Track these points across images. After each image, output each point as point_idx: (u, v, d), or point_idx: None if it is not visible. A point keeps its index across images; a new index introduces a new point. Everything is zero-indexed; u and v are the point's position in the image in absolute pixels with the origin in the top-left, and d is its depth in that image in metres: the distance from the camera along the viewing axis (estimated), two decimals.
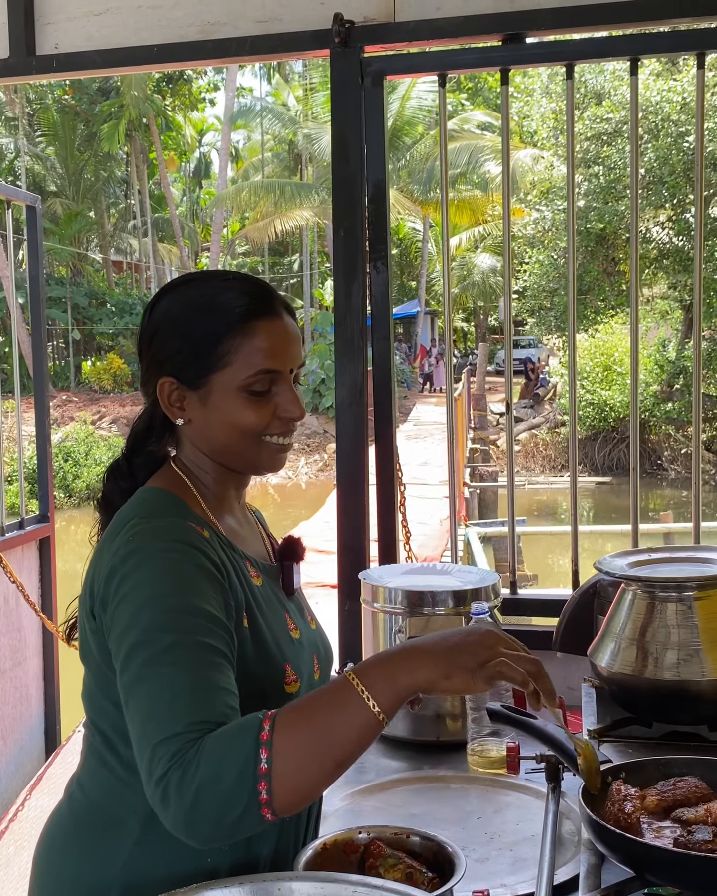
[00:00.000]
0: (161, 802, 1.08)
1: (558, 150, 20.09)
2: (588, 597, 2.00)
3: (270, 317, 1.33)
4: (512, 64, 2.44)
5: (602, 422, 20.41)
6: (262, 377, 1.31)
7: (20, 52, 2.57)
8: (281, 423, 1.34)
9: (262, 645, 1.29)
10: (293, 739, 1.06)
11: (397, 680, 1.09)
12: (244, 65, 30.22)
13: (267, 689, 1.28)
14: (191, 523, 1.28)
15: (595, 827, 1.17)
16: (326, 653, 1.47)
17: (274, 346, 1.32)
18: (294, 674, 1.31)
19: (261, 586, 1.35)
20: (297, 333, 1.38)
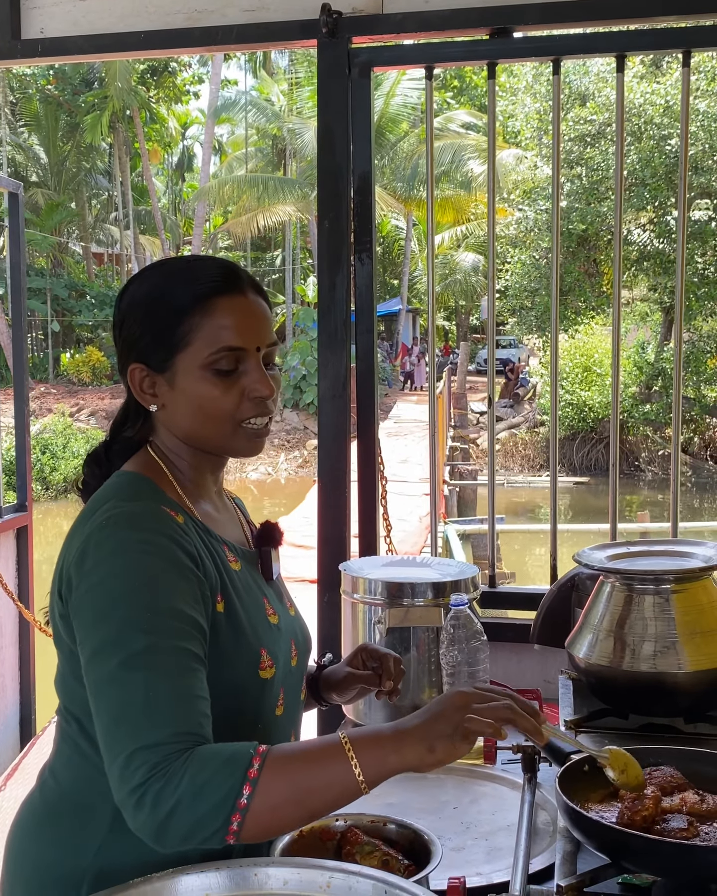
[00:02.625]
0: (134, 808, 1.09)
1: (542, 150, 20.15)
2: (566, 590, 2.01)
3: (231, 293, 1.31)
4: (499, 58, 2.44)
5: (581, 422, 20.51)
6: (225, 355, 1.29)
7: (5, 35, 2.55)
8: (252, 404, 1.31)
9: (237, 629, 1.28)
10: (277, 784, 1.09)
11: (386, 758, 1.12)
12: (230, 56, 30.17)
13: (242, 673, 1.28)
14: (165, 508, 1.28)
15: (572, 814, 1.17)
16: (305, 640, 1.47)
17: (236, 322, 1.30)
18: (270, 659, 1.30)
19: (239, 571, 1.35)
20: (264, 311, 1.35)
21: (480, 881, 1.38)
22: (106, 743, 1.14)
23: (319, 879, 1.17)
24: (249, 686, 1.28)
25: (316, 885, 1.17)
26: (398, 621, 2.01)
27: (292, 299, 33.96)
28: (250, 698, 1.29)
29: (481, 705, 1.12)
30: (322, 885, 1.16)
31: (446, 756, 1.12)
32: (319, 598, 2.50)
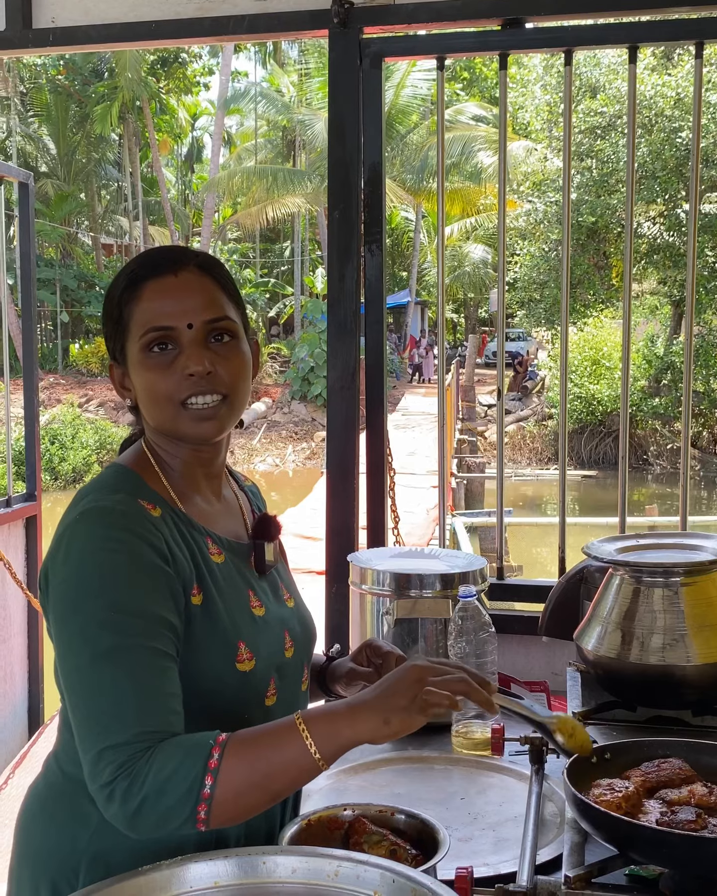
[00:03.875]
0: (104, 802, 1.15)
1: (552, 142, 20.08)
2: (575, 582, 2.01)
3: (156, 276, 1.32)
4: (511, 48, 2.43)
5: (589, 415, 20.48)
6: (153, 335, 1.31)
7: (16, 25, 2.55)
8: (189, 382, 1.31)
9: (213, 622, 1.29)
10: (237, 771, 1.14)
11: (340, 732, 1.16)
12: (240, 47, 30.09)
13: (218, 666, 1.29)
14: (142, 500, 1.29)
15: (580, 805, 1.18)
16: (305, 631, 1.47)
17: (162, 302, 1.31)
18: (249, 652, 1.31)
19: (222, 563, 1.35)
20: (195, 286, 1.33)
21: (487, 871, 1.38)
22: (78, 738, 1.19)
23: (327, 868, 1.17)
24: (226, 678, 1.29)
25: (324, 874, 1.17)
26: (406, 612, 2.01)
27: (301, 291, 33.94)
28: (230, 690, 1.30)
29: (436, 678, 1.16)
30: (330, 874, 1.17)
31: (402, 728, 1.15)
32: (328, 589, 2.50)
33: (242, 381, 1.36)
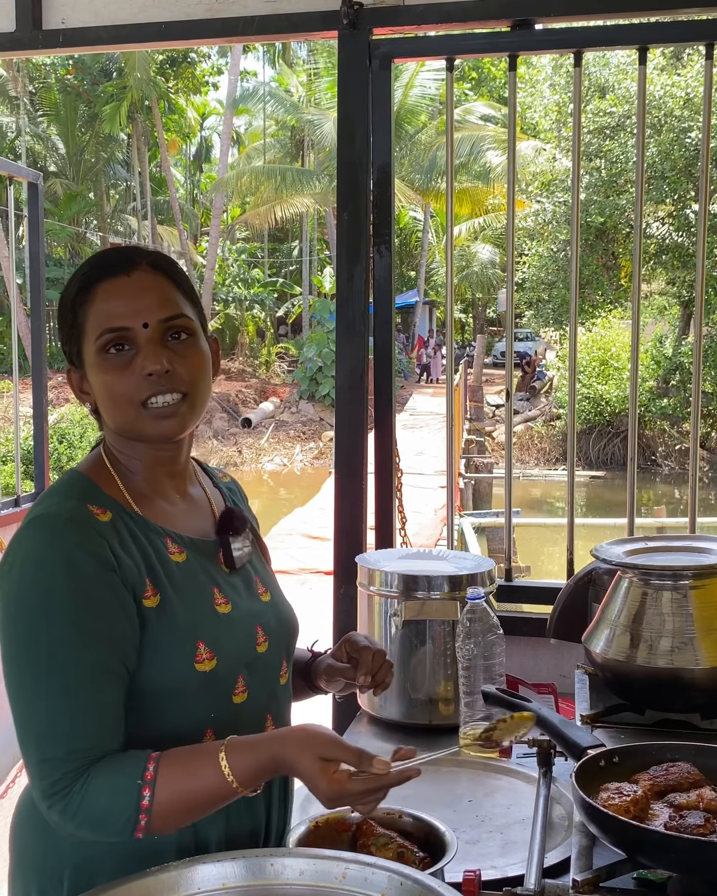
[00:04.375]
0: (46, 812, 1.22)
1: (561, 142, 20.04)
2: (583, 584, 2.01)
3: (109, 277, 1.32)
4: (520, 50, 2.42)
5: (597, 416, 20.44)
6: (108, 336, 1.30)
7: (26, 26, 2.55)
8: (147, 382, 1.30)
9: (170, 623, 1.29)
10: (170, 784, 1.20)
11: (258, 764, 1.21)
12: (249, 47, 30.11)
13: (177, 667, 1.29)
14: (91, 506, 1.30)
15: (588, 809, 1.17)
16: (281, 625, 1.46)
17: (115, 303, 1.31)
18: (209, 651, 1.30)
19: (183, 562, 1.35)
20: (148, 285, 1.32)
21: (494, 874, 1.38)
22: (20, 747, 1.24)
23: (334, 870, 1.18)
24: (186, 679, 1.29)
25: (331, 876, 1.17)
26: (414, 614, 2.01)
27: (309, 290, 33.94)
28: (192, 690, 1.30)
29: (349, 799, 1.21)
30: (338, 876, 1.17)
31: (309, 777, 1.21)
32: (335, 590, 2.50)
33: (201, 378, 1.36)
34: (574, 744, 1.38)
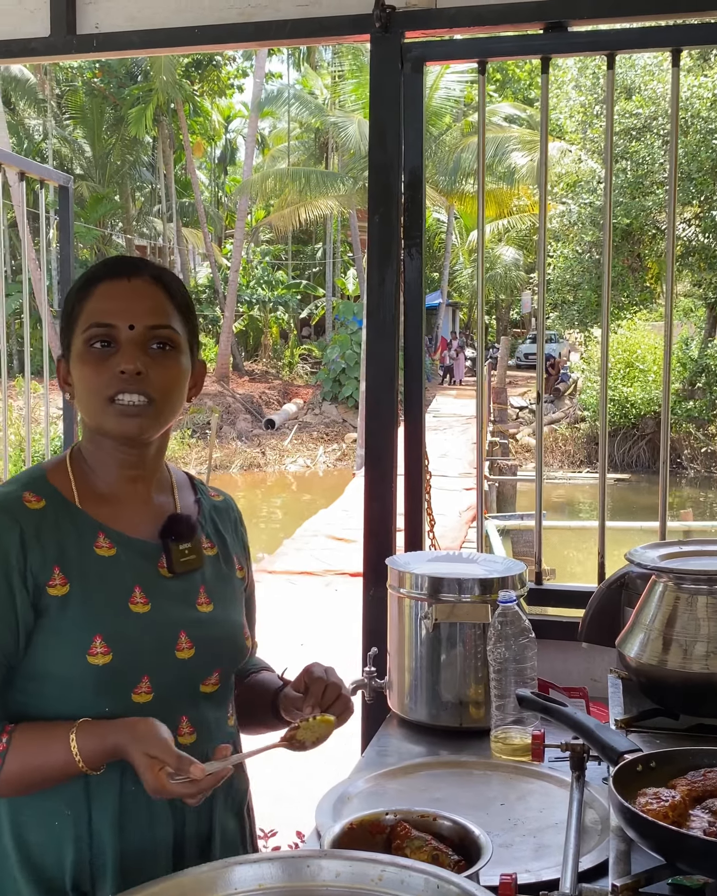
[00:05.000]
0: None
1: (586, 143, 19.96)
2: (616, 588, 2.00)
3: (110, 279, 1.40)
4: (553, 52, 2.42)
5: (622, 419, 20.35)
6: (94, 330, 1.37)
7: (61, 31, 2.57)
8: (118, 379, 1.36)
9: (72, 611, 1.35)
10: (20, 755, 1.30)
11: (104, 746, 1.29)
12: (274, 50, 30.17)
13: (68, 656, 1.34)
14: (29, 493, 1.38)
15: (627, 814, 1.17)
16: (219, 638, 1.47)
17: (109, 301, 1.38)
18: (105, 646, 1.34)
19: (110, 557, 1.39)
20: (144, 292, 1.40)
21: (529, 878, 1.38)
22: None
23: (371, 872, 1.18)
24: (78, 669, 1.34)
25: (368, 878, 1.18)
26: (445, 617, 2.01)
27: (333, 292, 33.97)
28: (85, 682, 1.34)
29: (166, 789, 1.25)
30: (374, 878, 1.17)
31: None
32: (365, 592, 2.50)
33: (173, 389, 1.41)
34: (611, 748, 1.37)
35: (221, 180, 40.90)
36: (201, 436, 23.42)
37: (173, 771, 1.24)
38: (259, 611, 1.70)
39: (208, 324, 31.91)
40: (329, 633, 7.04)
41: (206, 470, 20.47)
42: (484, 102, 2.51)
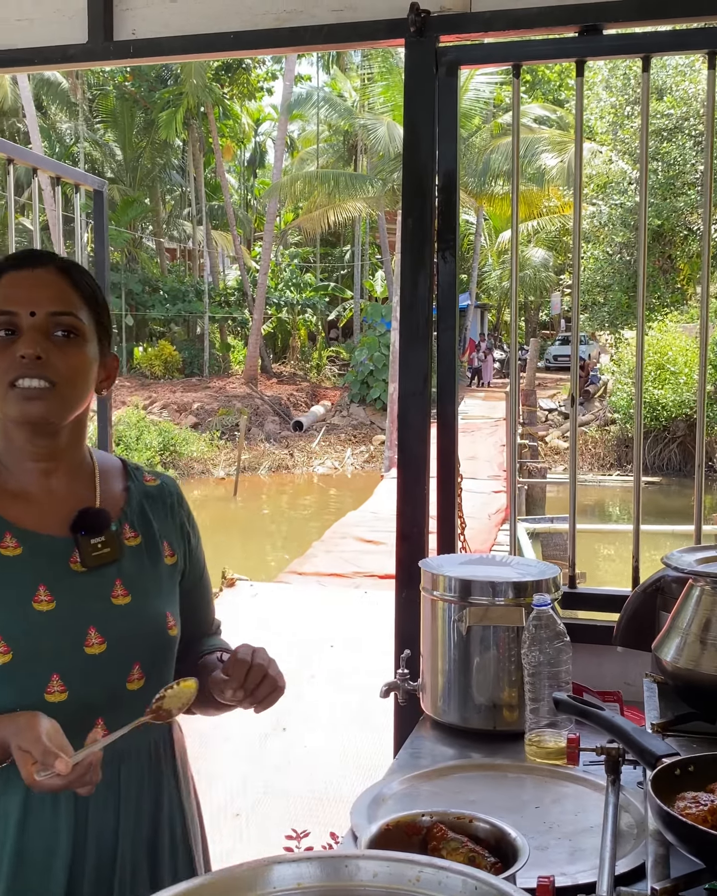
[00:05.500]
0: None
1: (617, 144, 19.86)
2: (651, 592, 1.99)
3: (14, 269, 1.43)
4: (588, 55, 2.41)
5: (653, 421, 20.20)
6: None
7: (98, 37, 2.60)
8: (18, 363, 1.38)
9: None
10: None
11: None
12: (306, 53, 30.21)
13: None
14: None
15: (666, 818, 1.17)
16: (131, 630, 1.47)
17: (12, 290, 1.41)
18: (4, 645, 1.36)
19: (15, 556, 1.41)
20: (47, 281, 1.43)
21: (565, 881, 1.38)
22: None
23: (408, 873, 1.18)
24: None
25: (405, 879, 1.18)
26: (478, 620, 2.01)
27: (361, 294, 33.99)
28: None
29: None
30: (411, 879, 1.18)
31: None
32: (397, 594, 2.51)
33: (76, 375, 1.43)
34: (649, 752, 1.37)
35: (250, 183, 41.06)
36: (230, 437, 23.52)
37: (40, 765, 1.24)
38: (288, 611, 1.71)
39: (237, 326, 32.06)
40: (359, 636, 7.05)
41: (235, 471, 20.57)
42: (518, 105, 2.51)
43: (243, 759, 5.29)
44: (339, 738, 5.44)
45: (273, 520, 19.27)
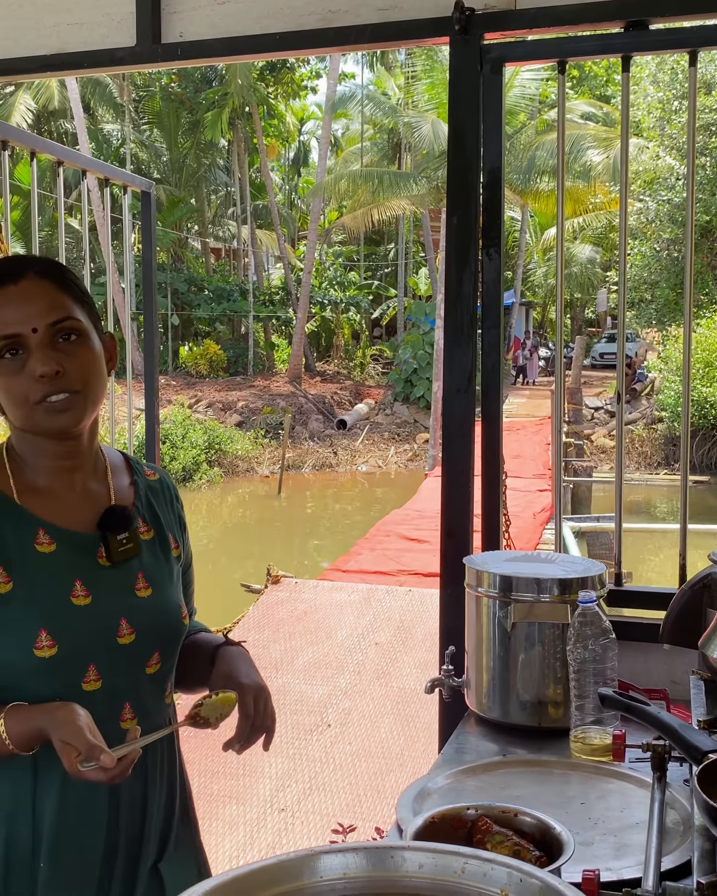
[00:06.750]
0: None
1: (664, 139, 19.63)
2: (698, 590, 1.98)
3: (1, 286, 1.42)
4: (634, 51, 2.40)
5: (702, 419, 19.95)
6: (1, 343, 1.40)
7: (146, 40, 2.63)
8: (39, 384, 1.40)
9: (16, 608, 1.40)
10: None
11: (30, 727, 1.34)
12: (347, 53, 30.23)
13: (15, 650, 1.39)
14: None
15: (712, 813, 1.17)
16: (157, 620, 1.52)
17: (5, 311, 1.41)
18: (50, 639, 1.39)
19: (50, 553, 1.44)
20: (35, 292, 1.42)
21: (610, 876, 1.38)
22: None
23: (454, 865, 1.19)
24: (26, 663, 1.39)
25: (451, 870, 1.19)
26: (523, 616, 2.01)
27: (404, 292, 33.94)
28: (35, 674, 1.39)
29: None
30: (457, 871, 1.19)
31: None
32: (442, 591, 2.52)
33: (93, 375, 1.45)
34: (695, 748, 1.37)
35: (294, 182, 41.18)
36: (274, 436, 23.63)
37: (84, 758, 1.29)
38: (333, 608, 1.75)
39: (281, 325, 32.17)
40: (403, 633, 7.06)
41: (279, 469, 20.67)
42: (563, 103, 2.50)
43: (288, 754, 5.32)
44: (383, 734, 5.46)
45: (317, 517, 19.34)
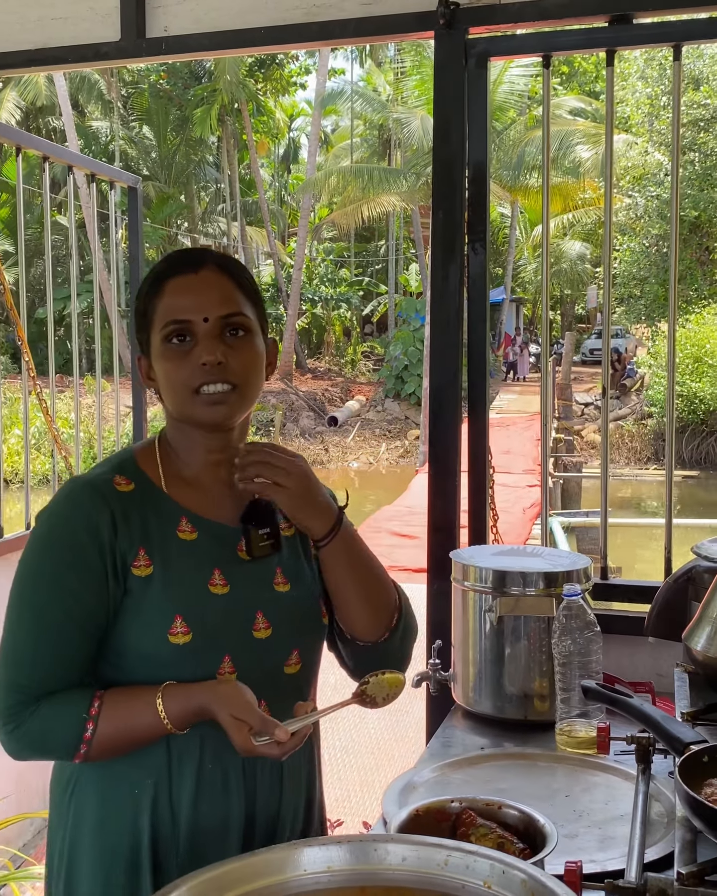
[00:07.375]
0: (2, 733, 1.39)
1: (653, 135, 19.67)
2: (683, 583, 1.99)
3: (179, 274, 1.44)
4: (618, 45, 2.40)
5: (691, 414, 20.02)
6: (172, 327, 1.42)
7: (131, 34, 2.63)
8: (202, 371, 1.41)
9: (154, 592, 1.40)
10: (111, 719, 1.36)
11: (188, 709, 1.36)
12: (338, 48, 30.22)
13: (151, 634, 1.40)
14: (120, 476, 1.45)
15: (693, 804, 1.18)
16: (296, 617, 1.52)
17: (181, 297, 1.43)
18: (185, 626, 1.40)
19: (192, 541, 1.45)
20: (212, 283, 1.44)
21: (594, 868, 1.38)
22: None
23: (436, 857, 1.20)
24: (160, 648, 1.40)
25: (434, 863, 1.19)
26: (509, 610, 2.01)
27: (395, 289, 33.96)
28: (168, 660, 1.40)
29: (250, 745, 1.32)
30: (440, 863, 1.19)
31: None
32: (429, 586, 2.52)
33: (252, 373, 1.46)
34: (677, 739, 1.37)
35: (284, 178, 41.14)
36: (265, 433, 23.63)
37: (257, 732, 1.30)
38: None
39: (272, 322, 32.05)
40: None
41: None
42: (548, 97, 2.50)
43: None
44: (371, 729, 5.47)
45: None
